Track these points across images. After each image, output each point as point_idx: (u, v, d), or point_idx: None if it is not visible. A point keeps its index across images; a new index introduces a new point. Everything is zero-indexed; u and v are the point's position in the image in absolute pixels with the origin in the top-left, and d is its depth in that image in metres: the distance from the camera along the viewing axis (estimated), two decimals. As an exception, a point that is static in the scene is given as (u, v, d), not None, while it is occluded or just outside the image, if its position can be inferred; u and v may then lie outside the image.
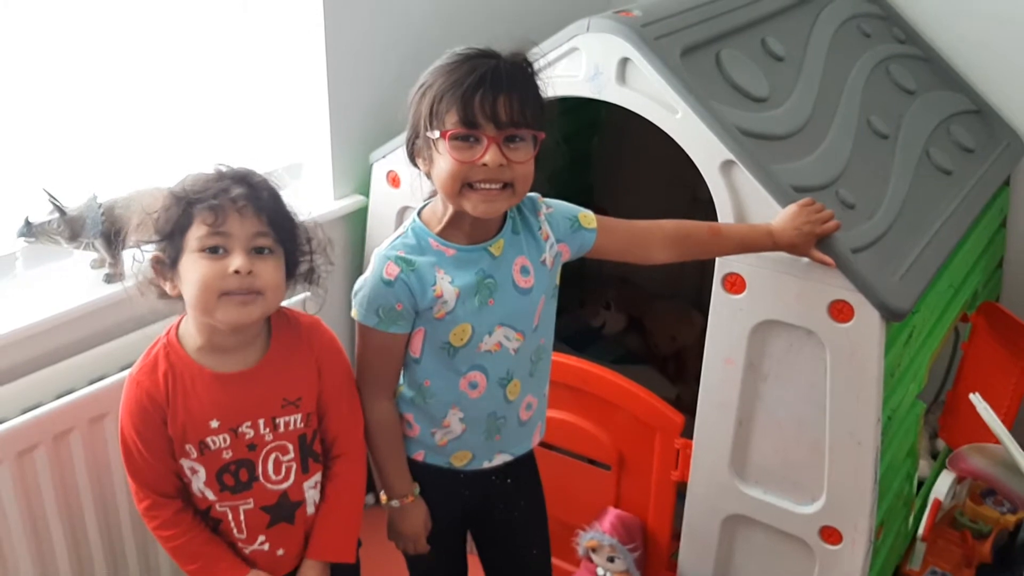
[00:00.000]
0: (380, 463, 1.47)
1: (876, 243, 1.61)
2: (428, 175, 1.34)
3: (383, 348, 1.40)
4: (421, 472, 1.49)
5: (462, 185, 1.29)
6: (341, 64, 1.95)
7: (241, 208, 1.25)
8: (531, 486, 1.61)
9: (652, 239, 1.50)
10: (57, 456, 1.52)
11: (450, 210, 1.35)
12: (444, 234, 1.37)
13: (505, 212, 1.39)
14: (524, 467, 1.57)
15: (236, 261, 1.24)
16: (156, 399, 1.30)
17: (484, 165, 1.26)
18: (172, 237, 1.27)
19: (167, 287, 1.29)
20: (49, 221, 1.58)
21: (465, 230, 1.37)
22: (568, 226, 1.45)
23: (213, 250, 1.25)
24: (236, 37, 1.89)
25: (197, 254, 1.25)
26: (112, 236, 1.63)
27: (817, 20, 2.01)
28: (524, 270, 1.40)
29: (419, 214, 1.41)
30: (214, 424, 1.31)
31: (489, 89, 1.25)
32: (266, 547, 1.38)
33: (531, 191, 1.41)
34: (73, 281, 1.66)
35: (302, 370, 1.37)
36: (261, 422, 1.33)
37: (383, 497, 1.49)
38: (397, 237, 1.40)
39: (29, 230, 1.57)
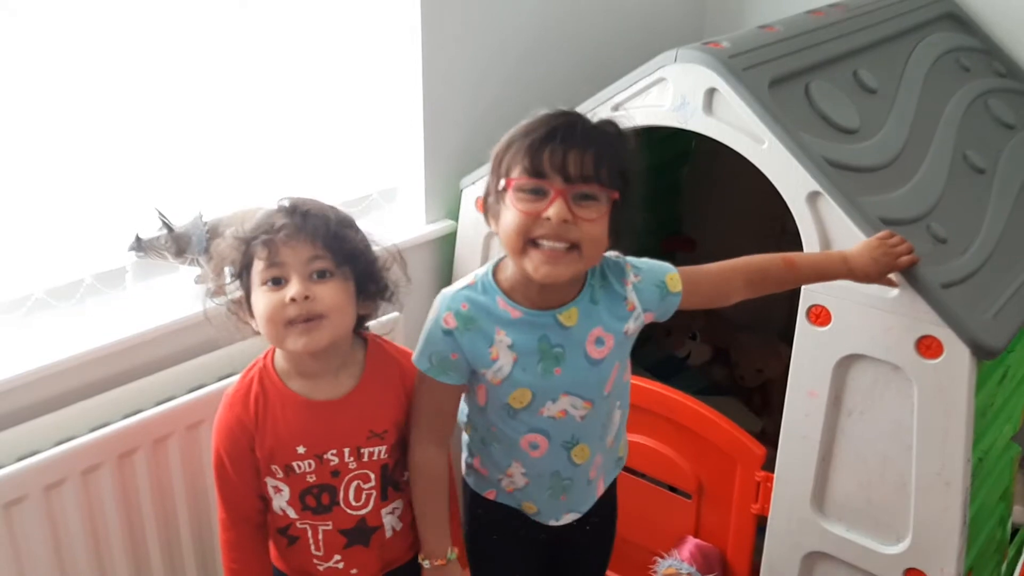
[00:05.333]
0: (418, 514, 1.42)
1: (969, 279, 1.58)
2: (498, 234, 1.30)
3: (433, 395, 1.36)
4: (495, 511, 1.47)
5: (525, 242, 1.23)
6: (436, 93, 2.01)
7: (288, 237, 1.28)
8: (603, 535, 1.57)
9: (731, 284, 1.44)
10: (155, 460, 1.60)
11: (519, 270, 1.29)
12: (512, 294, 1.31)
13: (584, 278, 1.33)
14: (604, 508, 1.52)
15: (291, 289, 1.27)
16: (245, 423, 1.35)
17: (548, 219, 1.21)
18: (241, 277, 1.33)
19: (253, 324, 1.35)
20: (158, 237, 1.67)
21: (532, 294, 1.31)
22: (657, 295, 1.38)
23: (275, 281, 1.29)
24: (338, 65, 1.97)
25: (261, 288, 1.30)
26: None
27: (913, 53, 1.98)
28: (599, 341, 1.33)
29: (494, 267, 1.35)
30: (300, 450, 1.35)
31: (560, 142, 1.21)
32: (340, 566, 1.42)
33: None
34: (177, 295, 1.74)
35: (391, 404, 1.40)
36: (347, 451, 1.36)
37: (420, 556, 1.44)
38: (465, 285, 1.34)
39: (139, 245, 1.66)
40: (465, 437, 1.48)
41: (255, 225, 1.32)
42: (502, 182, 1.25)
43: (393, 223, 2.08)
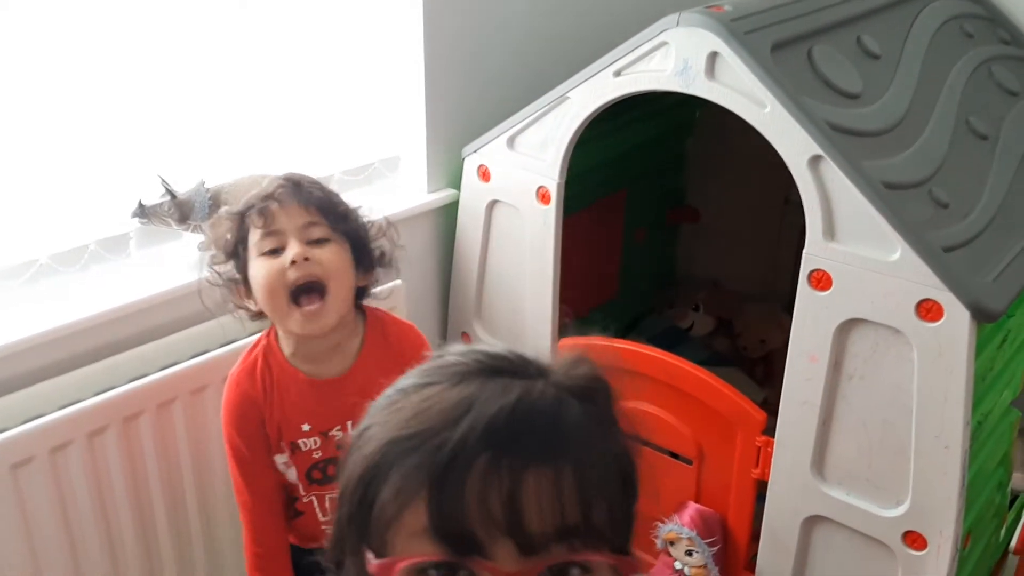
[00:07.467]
0: None
1: (970, 243, 1.58)
2: None
3: None
4: None
5: None
6: (437, 60, 2.01)
7: (283, 201, 1.29)
8: None
9: None
10: (159, 424, 1.61)
11: None
12: None
13: None
14: None
15: (290, 251, 1.27)
16: (255, 400, 1.36)
17: None
18: (237, 253, 1.34)
19: (251, 305, 1.35)
20: (161, 204, 1.67)
21: None
22: None
23: (273, 252, 1.30)
24: (339, 33, 1.96)
25: (259, 259, 1.31)
26: (218, 220, 1.72)
27: (916, 19, 1.97)
28: None
29: None
30: (306, 427, 1.36)
31: (502, 469, 0.62)
32: None
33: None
34: (180, 261, 1.75)
35: (393, 375, 1.41)
36: (350, 424, 1.36)
37: None
38: None
39: (142, 212, 1.67)
40: None
41: (248, 199, 1.33)
42: (370, 556, 0.66)
43: (395, 192, 2.09)
